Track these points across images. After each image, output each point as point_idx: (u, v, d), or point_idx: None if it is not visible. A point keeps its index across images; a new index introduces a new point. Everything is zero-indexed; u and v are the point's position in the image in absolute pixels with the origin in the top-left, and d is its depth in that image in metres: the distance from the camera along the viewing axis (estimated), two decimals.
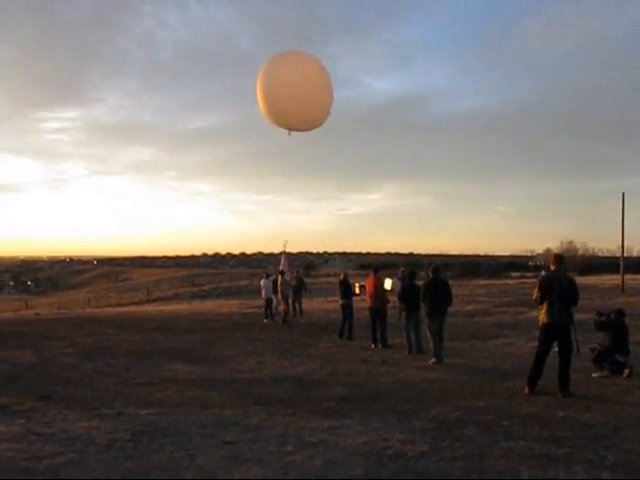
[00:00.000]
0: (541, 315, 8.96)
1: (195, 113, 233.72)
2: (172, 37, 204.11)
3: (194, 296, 44.12)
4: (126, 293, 57.03)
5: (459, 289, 30.37)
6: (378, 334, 14.80)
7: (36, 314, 29.07)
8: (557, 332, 8.81)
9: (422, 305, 12.68)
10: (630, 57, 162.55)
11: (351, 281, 18.27)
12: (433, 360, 12.01)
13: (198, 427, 6.93)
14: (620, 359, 10.27)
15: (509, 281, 47.34)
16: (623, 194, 33.31)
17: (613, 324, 10.74)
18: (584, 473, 5.27)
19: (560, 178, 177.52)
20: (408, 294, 13.56)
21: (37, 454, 5.89)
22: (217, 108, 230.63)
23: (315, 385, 9.95)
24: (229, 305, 30.02)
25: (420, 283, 13.57)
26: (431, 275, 12.79)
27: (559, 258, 9.50)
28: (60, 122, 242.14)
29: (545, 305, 8.81)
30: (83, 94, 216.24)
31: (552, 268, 9.24)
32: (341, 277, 17.96)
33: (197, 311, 26.73)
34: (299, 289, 23.14)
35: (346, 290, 17.09)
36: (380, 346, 14.49)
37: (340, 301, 17.17)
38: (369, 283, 15.37)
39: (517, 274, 62.60)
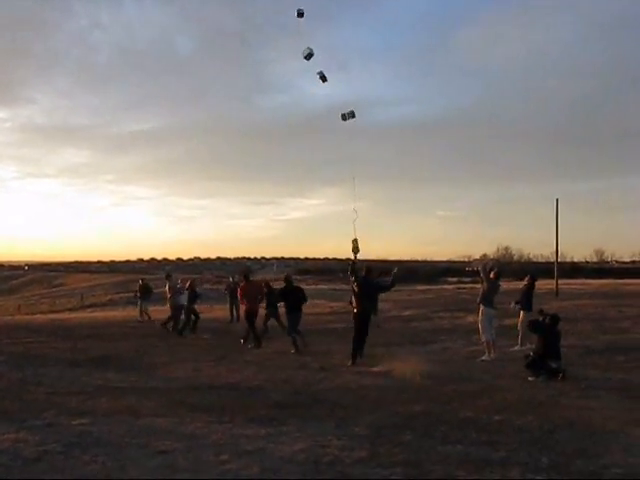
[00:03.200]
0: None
1: (132, 115, 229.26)
2: (107, 37, 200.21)
3: (129, 302, 43.30)
4: (59, 299, 55.48)
5: (396, 294, 30.56)
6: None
7: None
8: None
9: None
10: (567, 66, 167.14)
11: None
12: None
13: (131, 437, 6.73)
14: (553, 365, 10.47)
15: (446, 286, 48.06)
16: (557, 200, 34.16)
17: (546, 329, 10.93)
18: (520, 476, 5.34)
19: (496, 184, 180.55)
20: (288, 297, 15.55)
21: None
22: (154, 110, 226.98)
23: (252, 392, 9.83)
24: (164, 311, 29.54)
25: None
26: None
27: (368, 269, 13.52)
28: None
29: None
30: (14, 94, 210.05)
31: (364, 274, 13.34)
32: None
33: (131, 317, 26.18)
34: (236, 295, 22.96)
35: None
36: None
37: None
38: (242, 289, 16.76)
39: (454, 279, 63.49)
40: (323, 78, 13.58)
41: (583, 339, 15.20)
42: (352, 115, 13.63)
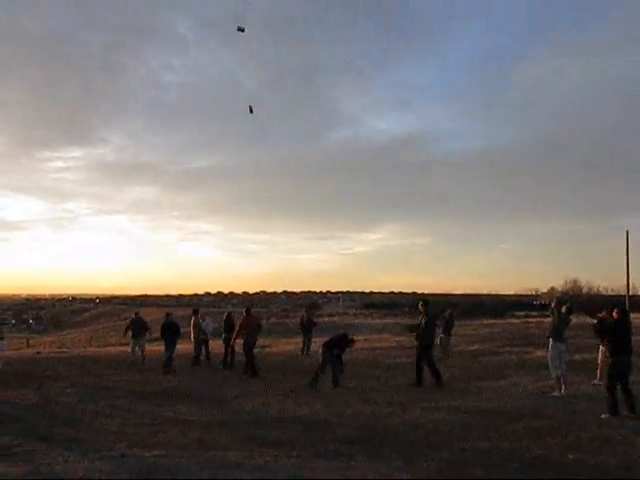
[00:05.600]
0: None
1: (198, 153, 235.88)
2: (175, 78, 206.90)
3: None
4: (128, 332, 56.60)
5: (463, 329, 30.17)
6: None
7: (37, 353, 28.88)
8: None
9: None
10: (628, 99, 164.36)
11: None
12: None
13: (201, 469, 6.81)
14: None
15: (513, 320, 47.07)
16: (627, 232, 33.38)
17: (613, 326, 10.78)
18: None
19: (563, 216, 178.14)
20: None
21: None
22: (220, 148, 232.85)
23: (320, 426, 9.83)
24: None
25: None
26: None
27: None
28: (65, 161, 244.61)
29: None
30: (88, 134, 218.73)
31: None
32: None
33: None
34: (309, 328, 23.36)
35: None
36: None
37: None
38: (243, 321, 17.55)
39: (521, 313, 62.14)
40: (241, 29, 16.74)
41: None
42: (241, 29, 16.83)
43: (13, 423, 10.28)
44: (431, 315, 15.10)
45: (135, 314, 21.98)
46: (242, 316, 17.92)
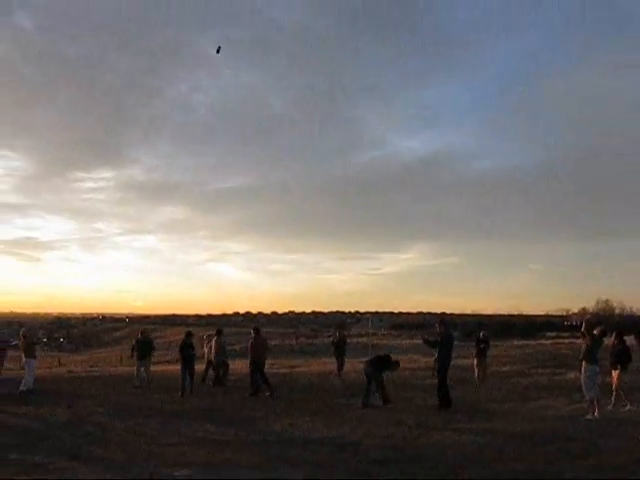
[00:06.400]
0: None
1: (227, 173, 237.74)
2: (205, 100, 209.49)
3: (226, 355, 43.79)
4: (158, 351, 56.90)
5: (493, 350, 29.83)
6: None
7: (69, 372, 29.12)
8: None
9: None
10: None
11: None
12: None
13: None
14: None
15: (544, 341, 46.51)
16: None
17: None
18: None
19: (594, 236, 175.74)
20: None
21: None
22: (249, 168, 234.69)
23: (350, 448, 9.76)
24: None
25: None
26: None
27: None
28: (96, 182, 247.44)
29: None
30: (119, 155, 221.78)
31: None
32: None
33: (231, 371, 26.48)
34: (342, 348, 23.14)
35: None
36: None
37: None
38: (252, 342, 17.85)
39: (552, 334, 61.46)
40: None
41: None
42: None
43: (44, 441, 10.36)
44: (448, 334, 15.05)
45: (140, 333, 21.46)
46: (251, 337, 18.16)
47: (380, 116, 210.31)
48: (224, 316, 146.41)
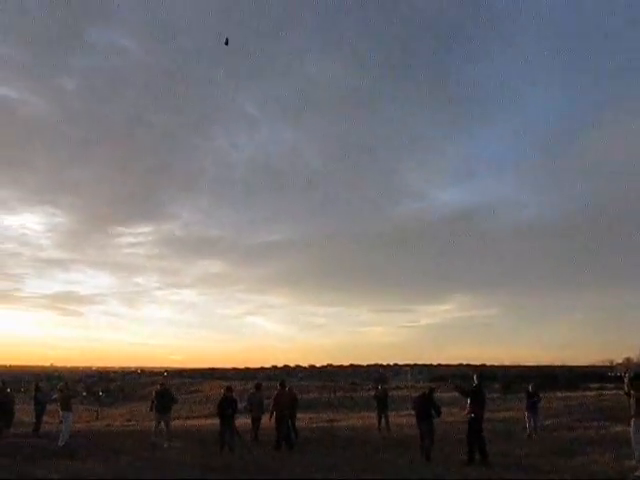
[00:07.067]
0: None
1: (264, 227, 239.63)
2: (242, 156, 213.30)
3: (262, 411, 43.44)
4: (195, 405, 56.68)
5: None
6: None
7: (107, 425, 29.12)
8: None
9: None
10: None
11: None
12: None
13: None
14: None
15: (588, 393, 45.29)
16: None
17: None
18: None
19: (634, 285, 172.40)
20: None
21: None
22: (286, 222, 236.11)
23: None
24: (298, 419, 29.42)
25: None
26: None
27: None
28: (135, 237, 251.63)
29: None
30: (157, 210, 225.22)
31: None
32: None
33: (265, 425, 26.22)
34: (384, 402, 22.80)
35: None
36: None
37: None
38: (278, 395, 18.44)
39: (596, 385, 59.77)
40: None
41: None
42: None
43: None
44: (482, 387, 15.01)
45: (160, 385, 20.59)
46: (279, 390, 18.71)
47: (419, 168, 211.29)
48: (262, 370, 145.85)
